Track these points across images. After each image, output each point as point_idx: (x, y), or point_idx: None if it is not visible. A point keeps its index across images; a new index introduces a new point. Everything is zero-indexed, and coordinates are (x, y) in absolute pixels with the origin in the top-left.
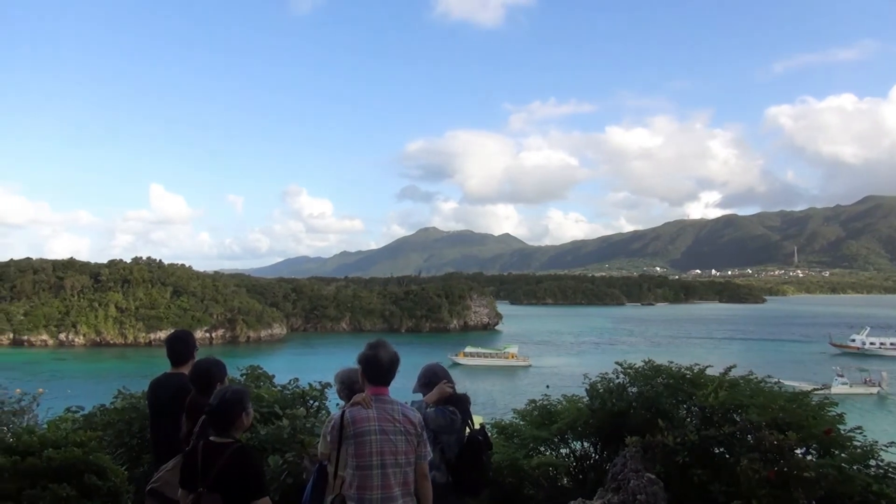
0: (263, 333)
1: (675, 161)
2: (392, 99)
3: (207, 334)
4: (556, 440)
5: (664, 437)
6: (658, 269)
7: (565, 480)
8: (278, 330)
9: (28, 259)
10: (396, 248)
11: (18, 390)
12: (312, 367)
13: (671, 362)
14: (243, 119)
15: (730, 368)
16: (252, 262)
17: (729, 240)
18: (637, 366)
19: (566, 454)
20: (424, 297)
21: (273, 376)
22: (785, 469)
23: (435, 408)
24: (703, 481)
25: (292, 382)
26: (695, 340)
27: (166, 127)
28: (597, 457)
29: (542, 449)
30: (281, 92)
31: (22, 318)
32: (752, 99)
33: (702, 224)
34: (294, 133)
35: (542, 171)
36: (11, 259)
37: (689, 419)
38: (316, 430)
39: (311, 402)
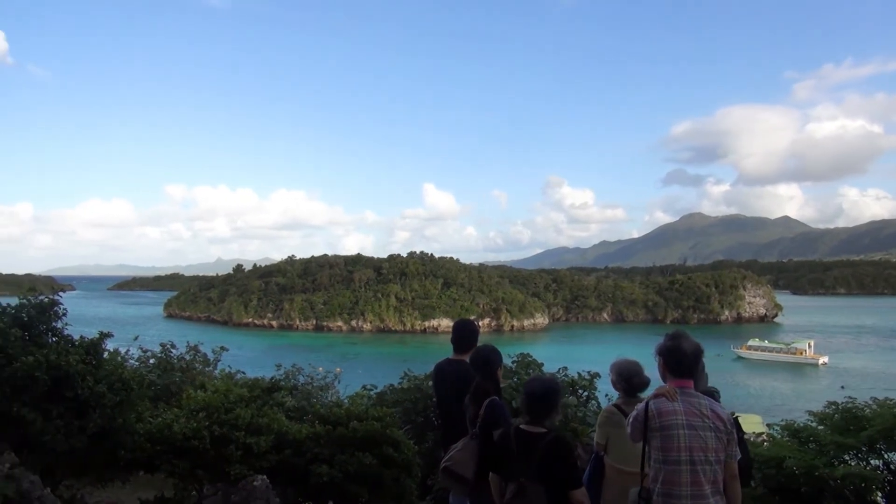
0: (526, 323)
1: None
2: (656, 81)
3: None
4: (864, 449)
5: None
6: None
7: (878, 496)
8: (540, 319)
9: (325, 255)
10: (658, 237)
11: (321, 368)
12: (577, 356)
13: None
14: (506, 115)
15: None
16: (514, 254)
17: None
18: None
19: (878, 466)
20: (691, 286)
21: (542, 364)
22: None
23: None
24: None
25: (561, 371)
26: None
27: (437, 129)
28: None
29: (847, 458)
30: (541, 84)
31: (322, 306)
32: None
33: None
34: (554, 124)
35: (836, 143)
36: (312, 256)
37: None
38: (588, 419)
39: (581, 391)
